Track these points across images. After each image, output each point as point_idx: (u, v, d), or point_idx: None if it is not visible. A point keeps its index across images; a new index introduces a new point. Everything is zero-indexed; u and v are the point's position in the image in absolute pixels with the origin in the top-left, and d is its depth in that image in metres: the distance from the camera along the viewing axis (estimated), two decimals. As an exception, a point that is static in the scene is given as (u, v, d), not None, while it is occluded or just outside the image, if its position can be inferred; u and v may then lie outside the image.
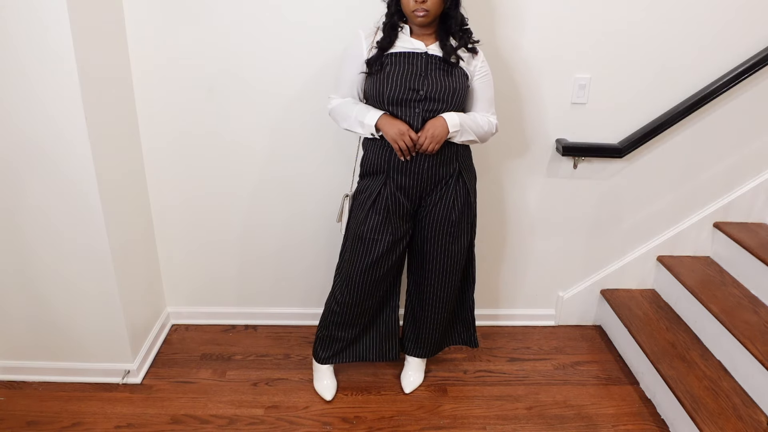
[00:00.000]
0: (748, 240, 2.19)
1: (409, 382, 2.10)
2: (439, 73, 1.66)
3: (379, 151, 1.73)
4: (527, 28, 2.01)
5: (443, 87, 1.65)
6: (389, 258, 1.82)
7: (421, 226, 1.82)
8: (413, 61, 1.66)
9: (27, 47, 1.61)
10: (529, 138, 2.19)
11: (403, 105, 1.65)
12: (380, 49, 1.67)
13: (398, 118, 1.66)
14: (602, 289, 2.48)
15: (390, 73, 1.65)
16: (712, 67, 2.09)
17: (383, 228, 1.77)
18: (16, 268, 1.91)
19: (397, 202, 1.75)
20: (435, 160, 1.71)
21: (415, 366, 2.13)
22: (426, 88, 1.64)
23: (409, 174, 1.72)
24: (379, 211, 1.76)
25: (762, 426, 1.74)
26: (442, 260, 1.85)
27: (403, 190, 1.75)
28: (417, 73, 1.65)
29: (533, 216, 2.34)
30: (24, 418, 1.91)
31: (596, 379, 2.21)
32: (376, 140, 1.72)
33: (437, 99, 1.65)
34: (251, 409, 1.99)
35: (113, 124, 1.91)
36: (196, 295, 2.42)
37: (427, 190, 1.76)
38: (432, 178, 1.74)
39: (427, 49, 1.67)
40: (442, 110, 1.67)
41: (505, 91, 2.09)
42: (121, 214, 1.98)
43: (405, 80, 1.64)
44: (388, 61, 1.66)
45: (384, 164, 1.73)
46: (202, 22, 1.95)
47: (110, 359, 2.06)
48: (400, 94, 1.64)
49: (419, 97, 1.64)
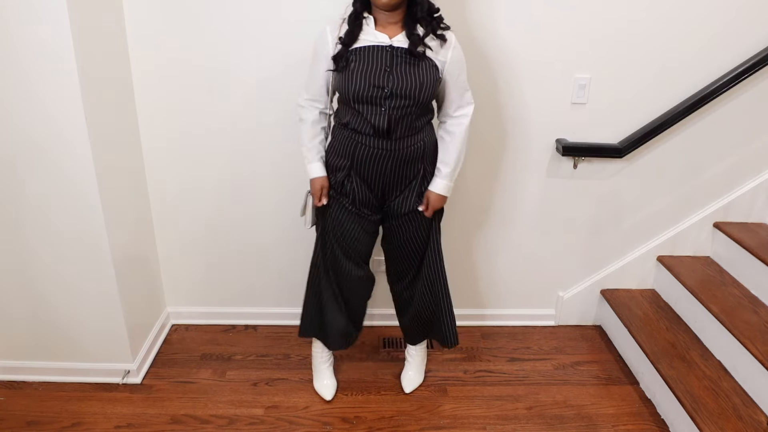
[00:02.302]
0: (748, 240, 2.19)
1: (409, 381, 2.10)
2: (405, 68, 1.59)
3: (345, 141, 1.71)
4: (527, 28, 2.01)
5: (409, 82, 1.59)
6: (359, 246, 1.84)
7: (387, 223, 1.84)
8: (377, 55, 1.59)
9: (27, 47, 1.61)
10: (529, 138, 2.19)
11: (368, 103, 1.61)
12: (344, 45, 1.60)
13: (364, 116, 1.63)
14: (602, 289, 2.48)
15: (354, 70, 1.59)
16: (712, 67, 2.09)
17: (351, 218, 1.78)
18: (16, 268, 1.91)
19: (363, 193, 1.75)
20: (399, 159, 1.70)
21: (416, 366, 2.13)
22: (391, 84, 1.58)
23: (373, 169, 1.71)
24: (344, 204, 1.77)
25: (762, 426, 1.74)
26: (406, 253, 1.89)
27: (366, 183, 1.74)
28: (381, 68, 1.59)
29: (533, 216, 2.33)
30: (24, 418, 1.91)
31: (596, 379, 2.21)
32: (343, 130, 1.70)
33: (403, 95, 1.59)
34: (251, 409, 1.99)
35: (113, 123, 1.91)
36: (196, 295, 2.42)
37: (390, 187, 1.76)
38: (396, 176, 1.73)
39: (392, 41, 1.60)
40: (409, 107, 1.61)
41: (505, 91, 2.09)
42: (121, 214, 1.98)
43: (369, 77, 1.58)
44: (353, 56, 1.60)
45: (349, 155, 1.71)
46: (202, 22, 1.95)
47: (110, 359, 2.06)
48: (365, 91, 1.59)
49: (384, 94, 1.59)
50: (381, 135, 1.65)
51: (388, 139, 1.66)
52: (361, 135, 1.67)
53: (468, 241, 2.37)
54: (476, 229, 2.34)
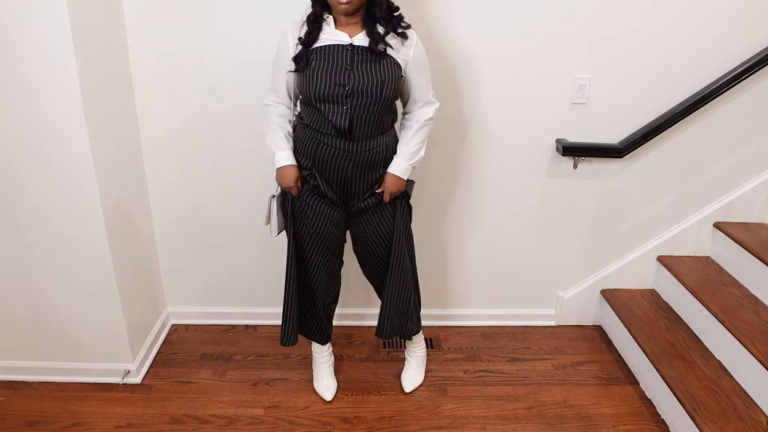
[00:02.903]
0: (748, 240, 2.19)
1: (409, 381, 2.10)
2: (366, 66, 1.59)
3: (307, 141, 1.70)
4: (527, 28, 2.01)
5: (370, 80, 1.58)
6: (330, 241, 1.83)
7: (353, 220, 1.82)
8: (338, 54, 1.59)
9: (27, 47, 1.61)
10: (529, 138, 2.19)
11: (329, 102, 1.60)
12: (304, 45, 1.60)
13: (326, 116, 1.62)
14: (602, 289, 2.48)
15: (314, 69, 1.59)
16: (712, 67, 2.09)
17: (318, 212, 1.77)
18: (16, 267, 1.91)
19: (327, 191, 1.74)
20: (361, 162, 1.69)
21: (415, 366, 2.13)
22: (352, 82, 1.58)
23: (334, 170, 1.70)
24: (310, 202, 1.76)
25: (762, 426, 1.74)
26: (374, 251, 1.87)
27: (329, 185, 1.74)
28: (342, 66, 1.58)
29: (533, 216, 2.33)
30: (24, 418, 1.91)
31: (596, 379, 2.21)
32: (306, 129, 1.70)
33: (365, 93, 1.59)
34: (251, 409, 1.99)
35: (113, 124, 1.91)
36: (196, 295, 2.42)
37: (351, 193, 1.75)
38: (357, 181, 1.73)
39: (353, 40, 1.60)
40: (371, 105, 1.61)
41: (504, 91, 2.10)
42: (121, 214, 1.98)
43: (329, 75, 1.58)
44: (314, 56, 1.60)
45: (311, 155, 1.70)
46: (202, 22, 1.95)
47: (110, 359, 2.06)
48: (325, 90, 1.58)
49: (345, 92, 1.58)
50: (343, 135, 1.64)
51: (350, 140, 1.65)
52: (323, 135, 1.66)
53: (468, 241, 2.37)
54: (476, 228, 2.34)
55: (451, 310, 2.50)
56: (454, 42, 2.01)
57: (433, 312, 2.48)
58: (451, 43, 2.02)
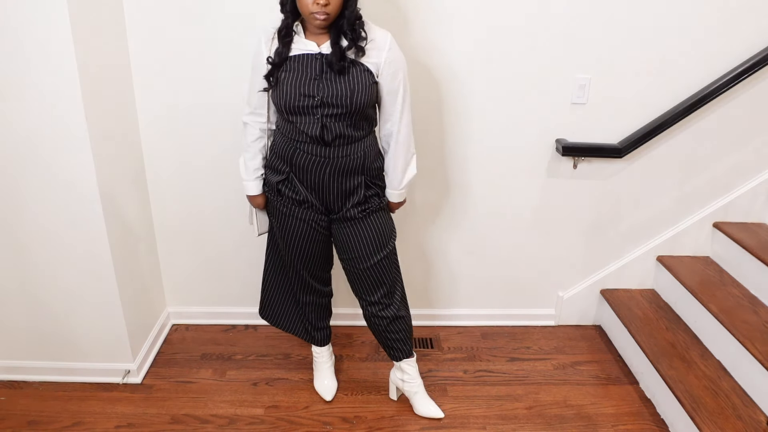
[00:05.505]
0: (748, 240, 2.19)
1: (426, 409, 1.98)
2: (335, 75, 1.54)
3: (284, 145, 1.67)
4: (527, 28, 2.01)
5: (340, 90, 1.54)
6: (311, 247, 1.81)
7: (336, 227, 1.78)
8: (307, 64, 1.56)
9: (27, 47, 1.61)
10: (529, 138, 2.19)
11: (300, 113, 1.57)
12: (273, 66, 1.57)
13: (298, 126, 1.59)
14: (602, 289, 2.48)
15: (284, 81, 1.56)
16: (712, 67, 2.09)
17: (299, 223, 1.75)
18: (16, 267, 1.91)
19: (304, 195, 1.70)
20: (337, 168, 1.65)
21: (422, 392, 2.00)
22: (321, 93, 1.54)
23: (311, 175, 1.67)
24: (290, 210, 1.74)
25: (762, 426, 1.74)
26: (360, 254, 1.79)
27: (306, 186, 1.70)
28: (311, 77, 1.55)
29: (533, 216, 2.34)
30: (24, 418, 1.91)
31: (596, 378, 2.21)
32: (283, 134, 1.67)
33: (335, 104, 1.55)
34: (251, 408, 1.99)
35: (113, 124, 1.91)
36: (196, 295, 2.43)
37: (331, 199, 1.71)
38: (335, 188, 1.68)
39: (321, 48, 1.56)
40: (342, 115, 1.57)
41: (505, 91, 2.10)
42: (122, 215, 1.98)
43: (299, 87, 1.55)
44: (284, 67, 1.58)
45: (288, 159, 1.67)
46: (202, 21, 1.95)
47: (110, 359, 2.06)
48: (295, 101, 1.56)
49: (315, 103, 1.55)
50: (317, 142, 1.62)
51: (325, 146, 1.62)
52: (299, 142, 1.64)
53: (467, 241, 2.37)
54: (476, 228, 2.35)
55: (451, 310, 2.51)
56: (454, 41, 2.02)
57: (433, 312, 2.48)
58: (452, 43, 2.02)
